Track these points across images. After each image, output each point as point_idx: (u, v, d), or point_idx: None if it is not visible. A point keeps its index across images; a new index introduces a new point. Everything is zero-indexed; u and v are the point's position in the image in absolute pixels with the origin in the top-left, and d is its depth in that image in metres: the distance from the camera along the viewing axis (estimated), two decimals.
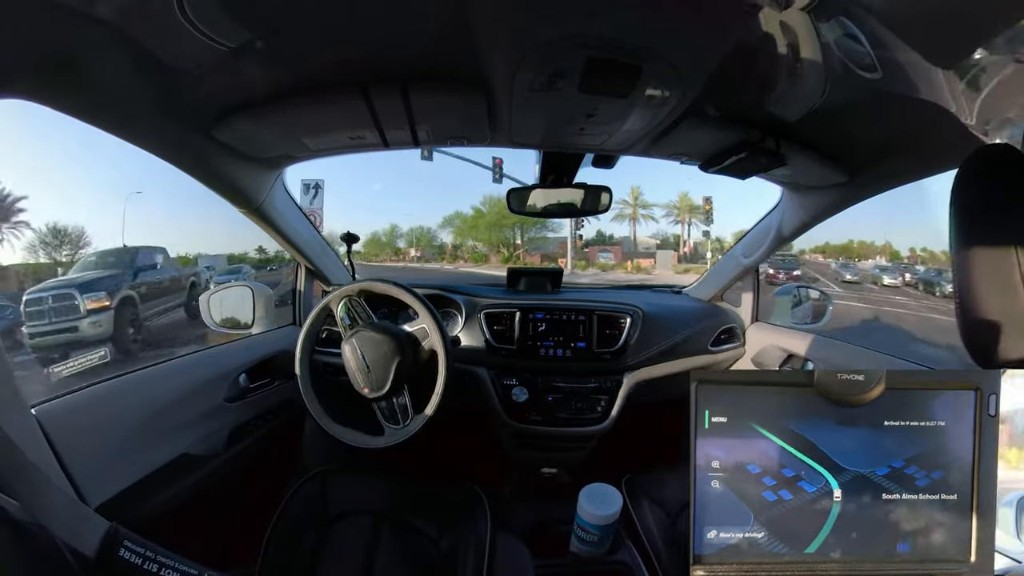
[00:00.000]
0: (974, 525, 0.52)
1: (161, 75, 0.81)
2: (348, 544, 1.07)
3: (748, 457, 0.54)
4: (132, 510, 0.94)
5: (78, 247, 12.16)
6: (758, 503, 0.53)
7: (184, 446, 1.12)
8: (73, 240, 12.26)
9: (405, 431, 1.19)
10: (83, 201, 21.25)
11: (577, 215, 1.59)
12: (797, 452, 0.54)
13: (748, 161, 1.17)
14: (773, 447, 0.54)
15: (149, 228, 4.39)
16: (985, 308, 0.54)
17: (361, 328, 1.21)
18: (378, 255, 31.12)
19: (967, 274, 0.55)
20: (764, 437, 0.54)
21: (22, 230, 11.64)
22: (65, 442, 0.83)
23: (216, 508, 1.23)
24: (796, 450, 0.54)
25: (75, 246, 12.16)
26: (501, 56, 0.84)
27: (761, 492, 0.54)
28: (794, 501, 0.54)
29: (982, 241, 0.54)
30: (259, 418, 1.42)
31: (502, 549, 1.04)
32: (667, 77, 0.86)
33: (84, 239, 12.31)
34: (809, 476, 0.54)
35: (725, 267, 1.88)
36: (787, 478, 0.54)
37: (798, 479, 0.54)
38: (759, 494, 0.54)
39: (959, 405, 0.53)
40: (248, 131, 1.06)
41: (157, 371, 1.14)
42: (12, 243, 11.29)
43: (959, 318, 0.57)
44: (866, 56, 0.73)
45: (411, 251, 30.45)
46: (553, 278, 1.88)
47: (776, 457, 0.54)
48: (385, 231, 31.18)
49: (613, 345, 1.59)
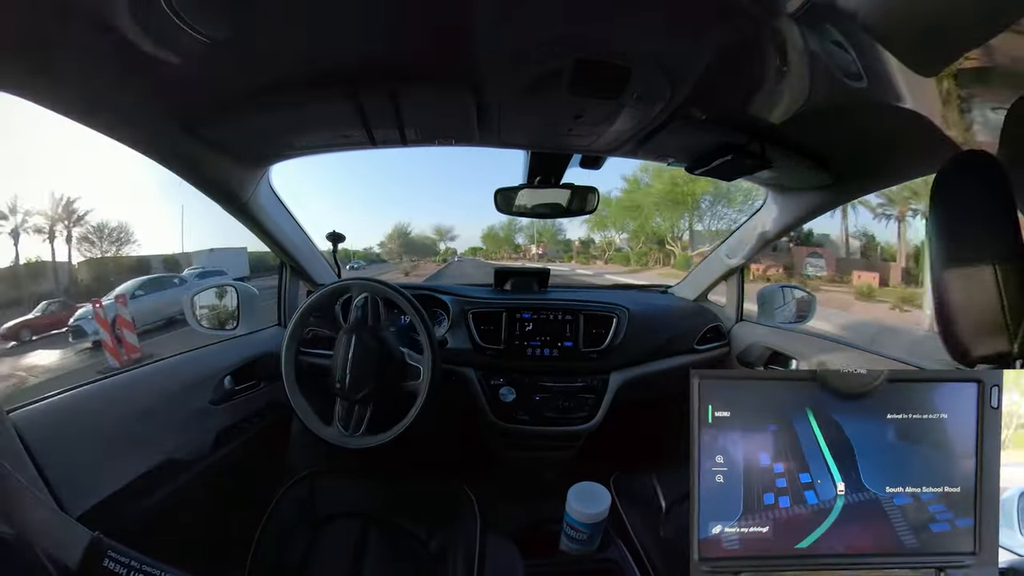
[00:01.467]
0: (978, 518, 0.53)
1: (144, 70, 0.79)
2: (337, 547, 1.06)
3: (751, 451, 0.54)
4: (116, 518, 0.91)
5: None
6: (761, 497, 0.54)
7: (169, 450, 1.10)
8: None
9: (351, 441, 1.20)
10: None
11: (564, 215, 1.59)
12: (800, 446, 0.54)
13: (734, 164, 1.19)
14: (776, 441, 0.54)
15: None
16: (961, 308, 0.56)
17: (367, 329, 1.20)
18: (497, 252, 29.57)
19: (944, 275, 0.57)
20: (767, 431, 0.54)
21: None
22: (44, 449, 0.81)
23: (203, 513, 1.21)
24: (799, 444, 0.54)
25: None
26: (490, 56, 0.84)
27: (764, 486, 0.54)
28: (797, 495, 0.54)
29: (959, 243, 0.56)
30: (245, 420, 1.40)
31: (492, 549, 1.05)
32: (655, 80, 0.87)
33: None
34: (812, 470, 0.54)
35: (710, 267, 1.91)
36: (790, 472, 0.54)
37: (801, 473, 0.54)
38: (762, 488, 0.54)
39: (961, 398, 0.54)
40: (233, 128, 1.05)
41: (140, 374, 1.12)
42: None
43: (937, 317, 0.59)
44: (850, 63, 0.75)
45: (532, 248, 27.92)
46: (540, 278, 1.88)
47: (779, 451, 0.54)
48: (502, 225, 29.40)
49: (600, 344, 1.60)
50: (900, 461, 0.54)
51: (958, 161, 0.57)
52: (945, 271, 0.57)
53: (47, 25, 0.65)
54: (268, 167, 1.33)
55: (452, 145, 1.31)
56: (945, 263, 0.57)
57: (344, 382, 1.17)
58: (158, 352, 4.95)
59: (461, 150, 1.36)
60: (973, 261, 0.54)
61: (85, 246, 15.32)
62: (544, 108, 1.01)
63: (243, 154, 1.19)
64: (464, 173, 67.41)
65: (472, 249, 32.37)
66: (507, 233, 29.12)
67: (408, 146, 1.26)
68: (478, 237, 32.93)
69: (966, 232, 0.56)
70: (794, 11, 0.67)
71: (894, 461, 0.54)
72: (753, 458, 0.54)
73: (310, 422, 1.22)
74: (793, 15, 0.68)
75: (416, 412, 1.18)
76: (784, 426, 0.55)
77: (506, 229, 28.88)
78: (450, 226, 33.83)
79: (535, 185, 1.51)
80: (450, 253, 32.23)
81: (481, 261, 28.06)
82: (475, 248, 32.38)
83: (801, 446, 0.54)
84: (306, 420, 1.22)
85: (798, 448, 0.54)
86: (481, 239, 32.65)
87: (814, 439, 0.54)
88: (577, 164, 1.45)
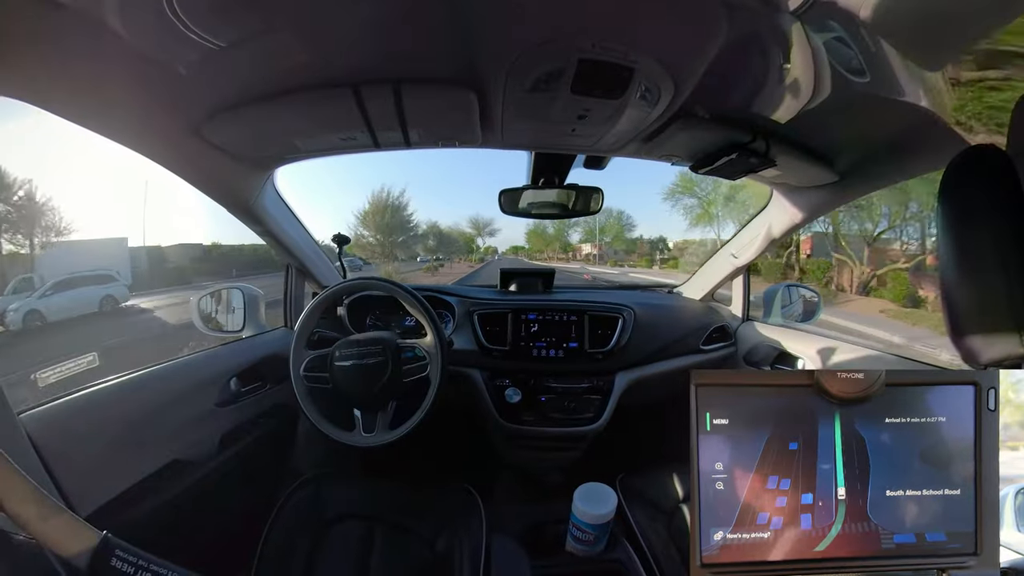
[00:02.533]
0: (979, 519, 0.53)
1: (149, 74, 0.80)
2: (343, 548, 1.06)
3: (750, 458, 0.54)
4: (123, 518, 0.92)
5: None
6: (761, 503, 0.54)
7: (175, 452, 1.11)
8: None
9: (361, 439, 1.21)
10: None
11: (569, 216, 1.59)
12: (798, 452, 0.54)
13: (738, 162, 1.18)
14: (775, 447, 0.54)
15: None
16: (971, 308, 0.55)
17: (347, 341, 1.21)
18: (542, 251, 26.60)
19: (953, 273, 0.56)
20: (764, 438, 0.54)
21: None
22: (53, 449, 0.82)
23: (209, 514, 1.22)
24: (797, 450, 0.54)
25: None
26: (493, 57, 0.84)
27: (764, 492, 0.54)
28: (797, 500, 0.54)
29: (967, 240, 0.55)
30: (251, 422, 1.41)
31: (498, 550, 1.04)
32: (659, 79, 0.87)
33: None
34: (811, 475, 0.54)
35: (716, 266, 1.90)
36: (790, 478, 0.54)
37: (801, 478, 0.54)
38: (762, 494, 0.54)
39: (958, 401, 0.54)
40: (238, 131, 1.05)
41: (147, 376, 1.13)
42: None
43: (946, 318, 0.58)
44: (854, 59, 0.74)
45: (584, 247, 23.49)
46: (545, 279, 1.88)
47: (779, 457, 0.54)
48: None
49: (605, 345, 1.59)
50: (900, 465, 0.54)
51: (966, 157, 0.56)
52: (953, 270, 0.56)
53: (55, 32, 0.66)
54: (273, 170, 1.34)
55: (455, 147, 1.31)
56: (953, 261, 0.56)
57: (356, 399, 1.19)
58: None
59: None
60: (982, 259, 0.53)
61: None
62: (547, 108, 1.01)
63: (248, 157, 1.20)
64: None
65: (514, 248, 29.06)
66: (558, 229, 25.43)
67: (411, 148, 1.27)
68: (522, 235, 29.11)
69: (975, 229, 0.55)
70: (797, 8, 0.67)
71: (894, 465, 0.54)
72: (752, 465, 0.54)
73: (327, 429, 1.22)
74: (796, 12, 0.68)
75: (430, 402, 1.19)
76: (782, 433, 0.55)
77: (557, 225, 24.93)
78: (490, 218, 27.65)
79: (539, 186, 1.51)
80: (491, 252, 27.64)
81: (524, 262, 24.73)
82: (517, 247, 29.08)
83: (800, 452, 0.54)
84: (323, 427, 1.22)
85: (797, 454, 0.54)
86: (526, 237, 28.92)
87: (813, 444, 0.54)
88: (581, 165, 1.45)
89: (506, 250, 29.69)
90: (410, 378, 1.22)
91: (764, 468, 0.54)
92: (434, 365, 1.21)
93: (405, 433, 1.19)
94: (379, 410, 1.22)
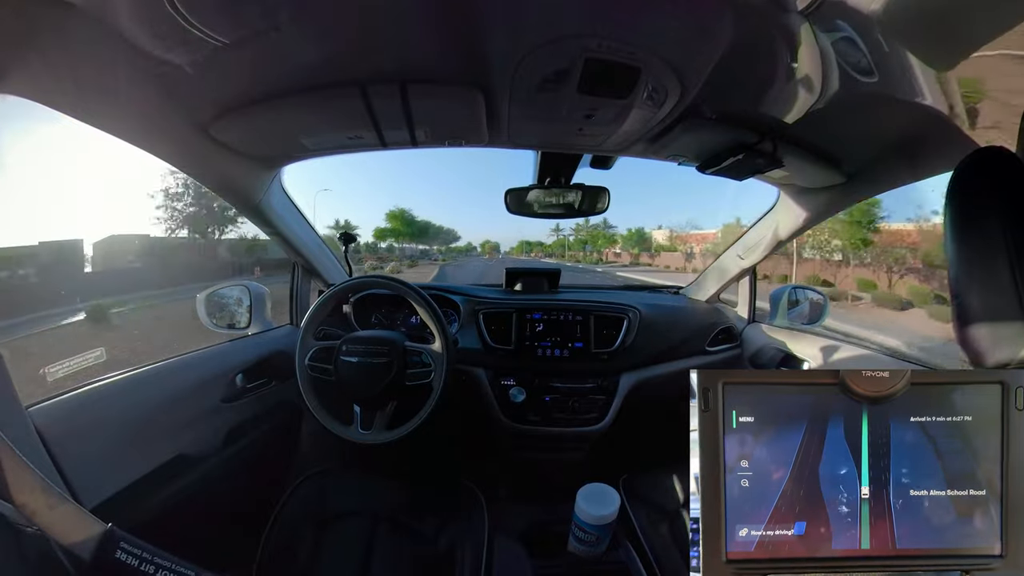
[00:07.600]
0: (1005, 521, 0.52)
1: (159, 73, 0.81)
2: (346, 545, 1.07)
3: (776, 455, 0.54)
4: (129, 511, 0.93)
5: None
6: (787, 501, 0.54)
7: (181, 447, 1.12)
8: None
9: (367, 436, 1.21)
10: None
11: (575, 216, 1.59)
12: (824, 450, 0.54)
13: (745, 163, 1.18)
14: (800, 446, 0.54)
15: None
16: (979, 310, 0.55)
17: (354, 337, 1.21)
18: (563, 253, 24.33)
19: (961, 275, 0.55)
20: (790, 436, 0.54)
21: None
22: (60, 443, 0.83)
23: (213, 509, 1.23)
24: (823, 449, 0.54)
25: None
26: (500, 57, 0.84)
27: (790, 490, 0.54)
28: (822, 498, 0.54)
29: (976, 242, 0.55)
30: (256, 419, 1.41)
31: (500, 549, 1.05)
32: (666, 79, 0.86)
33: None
34: (837, 473, 0.54)
35: (723, 268, 1.89)
36: (815, 476, 0.54)
37: (826, 477, 0.54)
38: (788, 492, 0.54)
39: (985, 400, 0.53)
40: (245, 130, 1.06)
41: (153, 371, 1.14)
42: None
43: (954, 319, 0.57)
44: (863, 59, 0.73)
45: (611, 250, 22.15)
46: (550, 278, 1.88)
47: (804, 456, 0.54)
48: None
49: (611, 345, 1.59)
50: (925, 464, 0.53)
51: (976, 158, 0.56)
52: (962, 271, 0.55)
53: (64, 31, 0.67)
54: (280, 168, 1.35)
55: (462, 146, 1.32)
56: (962, 263, 0.55)
57: (357, 395, 1.19)
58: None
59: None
60: (991, 260, 0.52)
61: None
62: (554, 108, 1.01)
63: (255, 156, 1.21)
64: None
65: (526, 243, 27.00)
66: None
67: (418, 147, 1.27)
68: (538, 232, 27.08)
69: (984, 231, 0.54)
70: (805, 7, 0.66)
71: (919, 464, 0.53)
72: (778, 463, 0.54)
73: (325, 420, 1.23)
74: (804, 11, 0.67)
75: (429, 409, 1.19)
76: (808, 430, 0.54)
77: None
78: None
79: (545, 186, 1.51)
80: (489, 249, 25.25)
81: (537, 262, 22.78)
82: (530, 242, 26.90)
83: (825, 450, 0.54)
84: (320, 418, 1.23)
85: (822, 453, 0.54)
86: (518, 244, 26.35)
87: (839, 443, 0.54)
88: (587, 164, 1.44)
89: (513, 247, 28.42)
90: (413, 382, 1.23)
91: (789, 467, 0.54)
92: (438, 373, 1.21)
93: (407, 432, 1.20)
94: (378, 408, 1.22)
